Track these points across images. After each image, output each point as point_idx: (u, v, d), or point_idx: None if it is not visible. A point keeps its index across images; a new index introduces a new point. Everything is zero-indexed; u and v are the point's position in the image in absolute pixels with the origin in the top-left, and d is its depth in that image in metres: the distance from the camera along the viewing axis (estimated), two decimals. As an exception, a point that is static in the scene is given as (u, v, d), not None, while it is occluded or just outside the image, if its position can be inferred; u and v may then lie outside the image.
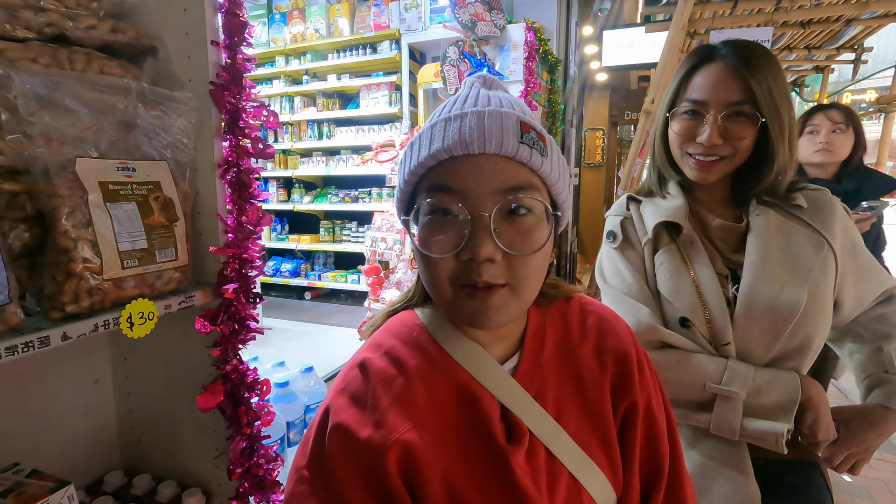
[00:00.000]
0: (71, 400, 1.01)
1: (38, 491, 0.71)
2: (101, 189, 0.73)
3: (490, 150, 0.52)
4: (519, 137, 0.52)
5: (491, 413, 0.57)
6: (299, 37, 4.79)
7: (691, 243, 0.91)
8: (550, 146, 0.56)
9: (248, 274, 0.93)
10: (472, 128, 0.52)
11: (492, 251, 0.51)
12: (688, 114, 0.89)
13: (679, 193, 0.96)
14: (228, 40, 0.86)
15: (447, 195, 0.53)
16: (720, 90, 0.85)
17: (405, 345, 0.62)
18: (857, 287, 0.92)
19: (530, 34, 3.15)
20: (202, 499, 0.98)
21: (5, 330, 0.62)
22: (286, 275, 5.01)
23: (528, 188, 0.53)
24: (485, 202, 0.52)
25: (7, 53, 0.66)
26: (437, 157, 0.53)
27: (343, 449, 0.57)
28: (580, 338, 0.64)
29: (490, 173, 0.52)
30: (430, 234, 0.54)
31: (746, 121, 0.84)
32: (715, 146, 0.86)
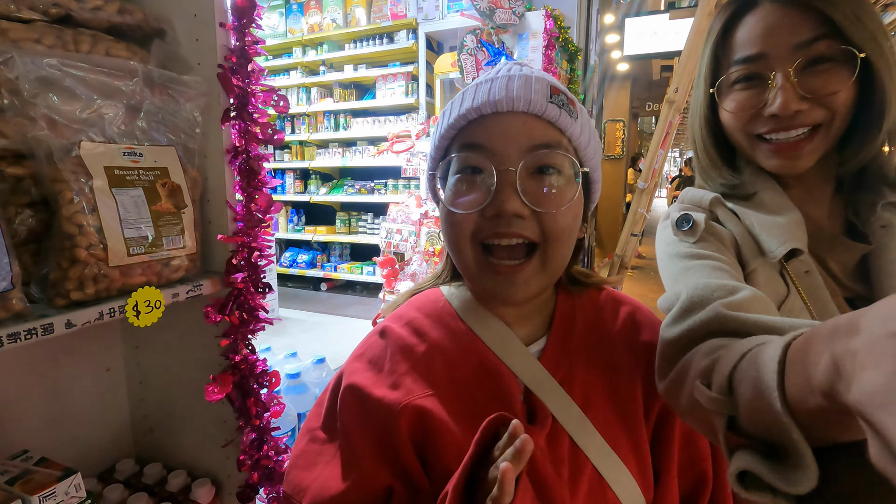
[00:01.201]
0: (83, 388, 1.01)
1: (45, 479, 0.70)
2: (106, 174, 0.71)
3: (518, 109, 0.52)
4: (548, 97, 0.52)
5: (513, 392, 0.56)
6: (316, 27, 4.78)
7: (807, 272, 0.64)
8: (581, 110, 0.56)
9: (258, 263, 0.91)
10: (502, 88, 0.52)
11: (518, 206, 0.51)
12: (742, 81, 0.63)
13: (783, 199, 0.67)
14: (237, 22, 0.84)
15: (474, 152, 0.53)
16: (783, 32, 0.58)
17: (428, 318, 0.63)
18: None
19: (550, 22, 3.07)
20: (211, 489, 0.97)
21: (8, 317, 0.60)
22: (302, 266, 5.05)
23: (556, 146, 0.53)
24: (511, 158, 0.52)
25: (10, 34, 0.65)
26: (467, 117, 0.54)
27: (356, 409, 0.58)
28: (612, 327, 0.62)
29: (517, 131, 0.52)
30: (458, 191, 0.55)
31: (834, 65, 0.58)
32: (798, 113, 0.59)
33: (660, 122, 2.83)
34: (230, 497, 0.98)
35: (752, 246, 0.66)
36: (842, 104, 0.59)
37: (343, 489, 0.55)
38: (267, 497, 0.98)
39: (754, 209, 0.68)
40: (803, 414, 0.30)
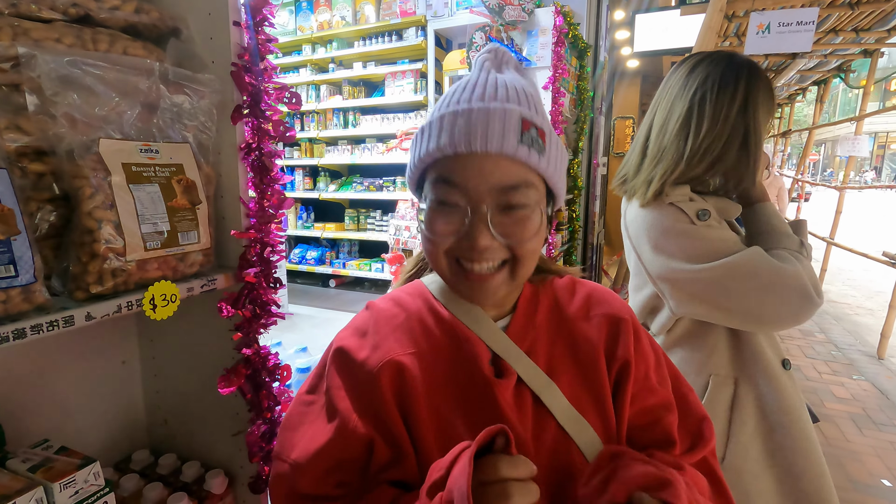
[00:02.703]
0: (100, 380, 1.03)
1: (65, 467, 0.72)
2: (124, 170, 0.73)
3: (491, 150, 0.56)
4: (519, 137, 0.56)
5: (481, 353, 0.62)
6: (325, 24, 4.79)
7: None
8: (549, 140, 0.60)
9: (270, 258, 0.92)
10: (476, 126, 0.56)
11: (488, 240, 0.57)
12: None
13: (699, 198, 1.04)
14: (250, 20, 0.85)
15: (450, 188, 0.58)
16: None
17: (409, 295, 0.71)
18: None
19: (559, 18, 3.06)
20: (225, 480, 0.99)
21: (31, 308, 0.62)
22: (311, 262, 5.08)
23: (525, 185, 0.58)
24: (484, 197, 0.57)
25: (32, 33, 0.66)
26: (444, 152, 0.58)
27: (341, 368, 0.64)
28: (572, 306, 0.69)
29: (490, 171, 0.57)
30: (434, 218, 0.60)
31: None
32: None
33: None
34: (243, 488, 1.00)
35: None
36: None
37: (325, 441, 0.60)
38: (278, 488, 1.00)
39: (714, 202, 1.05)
40: None
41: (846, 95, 25.15)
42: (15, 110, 0.66)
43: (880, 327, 3.87)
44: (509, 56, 0.66)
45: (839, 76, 5.05)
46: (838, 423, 2.81)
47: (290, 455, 0.62)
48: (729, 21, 3.21)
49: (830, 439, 2.65)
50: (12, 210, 0.61)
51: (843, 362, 3.70)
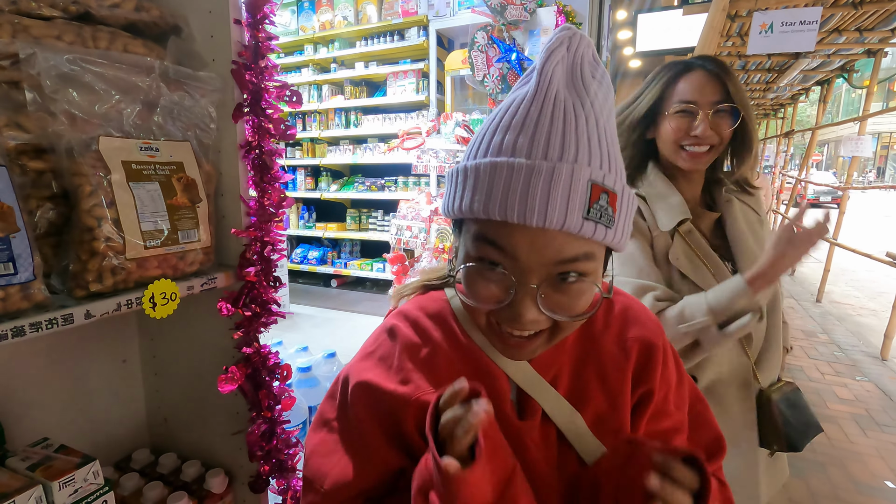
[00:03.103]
0: (100, 378, 1.03)
1: (65, 466, 0.72)
2: (124, 168, 0.72)
3: (551, 227, 0.46)
4: (585, 212, 0.47)
5: (504, 390, 0.59)
6: (327, 24, 4.80)
7: (690, 232, 1.07)
8: (620, 205, 0.50)
9: (270, 257, 0.92)
10: (534, 195, 0.46)
11: (535, 315, 0.49)
12: (681, 113, 1.05)
13: (672, 188, 1.10)
14: (251, 18, 0.85)
15: (497, 251, 0.49)
16: (706, 92, 1.03)
17: (431, 319, 0.65)
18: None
19: (561, 18, 3.05)
20: (225, 479, 0.99)
21: (30, 307, 0.62)
22: (313, 262, 5.08)
23: (584, 259, 0.49)
24: (534, 272, 0.49)
25: (32, 31, 0.66)
26: (491, 216, 0.48)
27: (367, 401, 0.61)
28: (603, 326, 0.64)
29: (544, 245, 0.48)
30: (475, 279, 0.52)
31: (727, 116, 1.03)
32: (707, 136, 1.03)
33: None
34: (243, 487, 1.00)
35: (653, 221, 1.09)
36: (726, 136, 1.04)
37: (360, 472, 0.59)
38: (278, 488, 1.00)
39: (655, 198, 1.10)
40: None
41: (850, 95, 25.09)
42: (15, 108, 0.66)
43: (884, 328, 3.85)
44: (586, 47, 0.52)
45: (842, 76, 5.03)
46: (841, 425, 2.79)
47: (322, 485, 0.60)
48: (732, 21, 3.20)
49: (833, 440, 2.64)
50: (11, 208, 0.61)
51: (847, 363, 3.69)
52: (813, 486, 2.24)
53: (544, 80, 0.49)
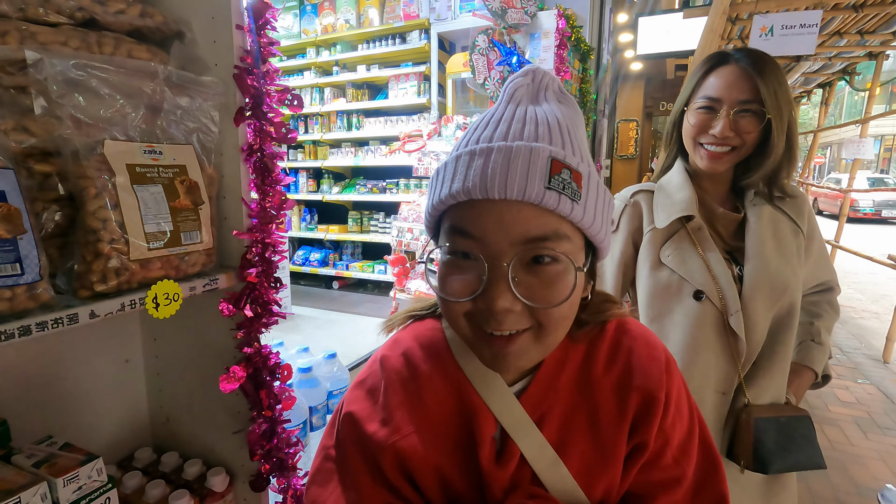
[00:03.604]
0: (103, 378, 1.04)
1: (69, 463, 0.73)
2: (128, 171, 0.74)
3: (512, 197, 0.47)
4: (546, 181, 0.47)
5: (484, 430, 0.56)
6: (329, 28, 4.83)
7: (699, 229, 1.04)
8: (587, 184, 0.50)
9: (271, 258, 0.93)
10: (495, 169, 0.47)
11: (510, 303, 0.48)
12: (703, 109, 1.01)
13: (687, 184, 1.07)
14: (253, 24, 0.86)
15: (465, 240, 0.50)
16: (733, 89, 0.97)
17: (423, 349, 0.63)
18: (814, 266, 1.12)
19: (562, 21, 3.07)
20: (226, 478, 1.00)
21: (36, 306, 0.64)
22: (315, 264, 5.10)
23: (554, 238, 0.49)
24: (504, 251, 0.48)
25: (39, 37, 0.68)
26: (457, 199, 0.50)
27: (352, 437, 0.61)
28: (604, 370, 0.60)
29: (511, 221, 0.48)
30: (448, 274, 0.52)
31: (753, 117, 0.96)
32: (726, 137, 0.98)
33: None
34: (243, 486, 1.01)
35: (650, 217, 1.08)
36: (750, 140, 0.98)
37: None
38: (279, 487, 1.01)
39: (661, 194, 1.09)
40: None
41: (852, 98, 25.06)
42: (22, 112, 0.67)
43: (886, 331, 3.84)
44: (550, 79, 0.56)
45: (844, 79, 5.03)
46: (843, 427, 2.79)
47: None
48: (732, 24, 3.21)
49: (834, 443, 2.63)
50: (19, 209, 0.62)
51: (848, 366, 3.68)
52: (814, 489, 2.24)
53: (509, 96, 0.55)
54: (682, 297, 1.03)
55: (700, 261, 1.02)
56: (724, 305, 0.99)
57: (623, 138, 6.93)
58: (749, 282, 1.00)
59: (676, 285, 1.03)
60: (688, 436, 0.60)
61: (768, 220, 1.03)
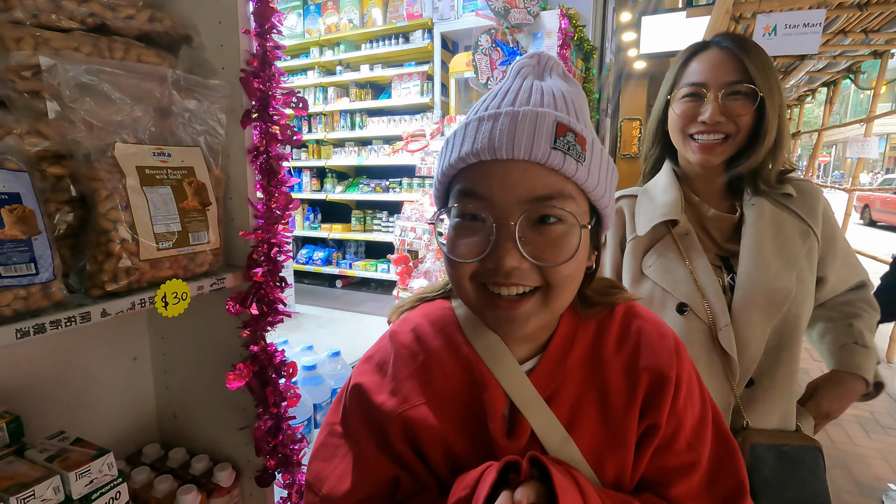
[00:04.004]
0: (112, 375, 1.06)
1: (80, 457, 0.75)
2: (138, 173, 0.76)
3: (518, 157, 0.49)
4: (552, 142, 0.49)
5: (495, 405, 0.57)
6: (333, 27, 4.84)
7: (686, 234, 0.96)
8: (591, 149, 0.52)
9: (277, 258, 0.95)
10: (503, 131, 0.49)
11: (517, 261, 0.50)
12: (688, 97, 0.93)
13: (673, 186, 1.00)
14: (259, 28, 0.88)
15: (473, 201, 0.52)
16: (719, 71, 0.90)
17: (432, 325, 0.64)
18: (841, 269, 1.01)
19: (565, 21, 3.08)
20: (232, 473, 1.02)
21: (50, 305, 0.65)
22: (318, 263, 5.13)
23: (560, 197, 0.50)
24: (511, 210, 0.50)
25: (52, 42, 0.70)
26: (466, 161, 0.52)
27: (359, 409, 0.62)
28: (614, 350, 0.60)
29: (518, 181, 0.50)
30: (457, 237, 0.53)
31: (745, 99, 0.89)
32: (718, 123, 0.90)
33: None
34: (249, 481, 1.03)
35: (633, 224, 1.02)
36: (744, 123, 0.90)
37: (354, 483, 0.60)
38: (284, 482, 1.03)
39: (644, 198, 1.02)
40: None
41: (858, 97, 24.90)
42: (35, 116, 0.69)
43: (889, 330, 3.83)
44: (555, 62, 0.59)
45: (849, 77, 5.01)
46: (845, 427, 2.79)
47: (321, 489, 0.62)
48: (736, 23, 3.21)
49: (837, 443, 2.64)
50: (33, 211, 0.64)
51: (851, 365, 3.68)
52: (815, 488, 2.24)
53: (516, 72, 0.58)
54: (665, 310, 0.95)
55: (685, 270, 0.93)
56: (712, 319, 0.91)
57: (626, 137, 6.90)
58: (741, 291, 0.91)
59: (660, 298, 0.95)
60: (701, 420, 0.60)
61: (769, 221, 0.94)
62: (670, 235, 0.97)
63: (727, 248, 0.97)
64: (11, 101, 0.67)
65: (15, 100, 0.67)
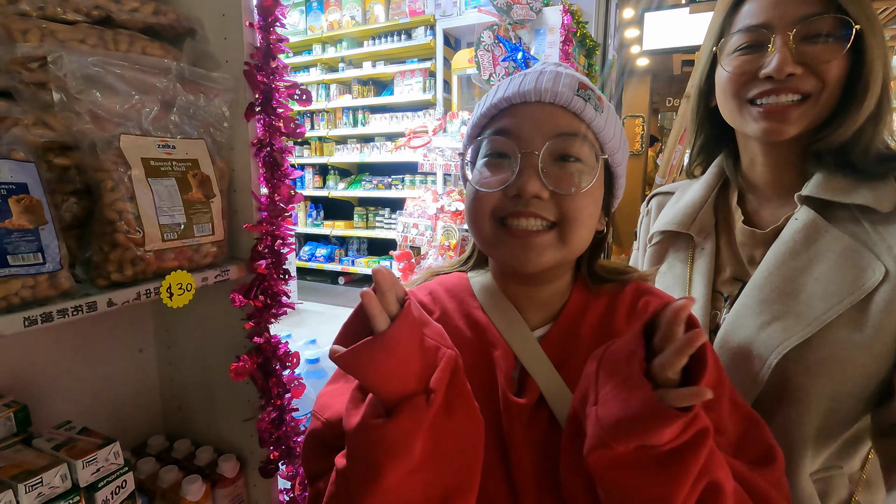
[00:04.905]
0: (118, 367, 1.07)
1: (87, 446, 0.76)
2: (143, 165, 0.76)
3: (545, 100, 0.56)
4: (575, 91, 0.56)
5: (506, 366, 0.59)
6: (335, 24, 4.84)
7: (702, 248, 0.77)
8: (608, 107, 0.59)
9: (281, 250, 0.96)
10: (532, 81, 0.57)
11: (538, 188, 0.54)
12: (743, 49, 0.66)
13: (707, 184, 0.79)
14: (262, 21, 0.88)
15: (501, 137, 0.58)
16: (788, 4, 0.62)
17: (447, 292, 0.68)
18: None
19: (567, 17, 3.07)
20: (236, 464, 1.03)
21: (57, 294, 0.66)
22: (321, 260, 5.14)
23: (581, 137, 0.56)
24: (535, 143, 0.55)
25: (58, 34, 0.70)
26: (498, 107, 0.59)
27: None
28: (624, 322, 0.62)
29: (543, 119, 0.56)
30: (484, 172, 0.59)
31: (830, 40, 0.61)
32: (791, 77, 0.61)
33: (678, 118, 2.81)
34: (253, 472, 1.04)
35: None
36: (833, 76, 0.61)
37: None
38: (287, 473, 1.04)
39: (675, 197, 0.86)
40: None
41: (862, 93, 24.69)
42: (42, 107, 0.70)
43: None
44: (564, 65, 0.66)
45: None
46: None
47: (323, 414, 0.63)
48: (739, 18, 3.20)
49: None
50: (40, 201, 0.65)
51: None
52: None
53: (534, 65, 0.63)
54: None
55: (682, 293, 0.78)
56: None
57: (629, 134, 6.89)
58: (720, 338, 0.70)
59: None
60: (715, 386, 0.56)
61: (806, 242, 0.65)
62: (686, 246, 0.80)
63: (751, 272, 0.72)
64: (18, 92, 0.68)
65: (21, 91, 0.68)
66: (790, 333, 0.62)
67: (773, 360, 0.63)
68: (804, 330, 0.62)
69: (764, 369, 0.64)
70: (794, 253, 0.65)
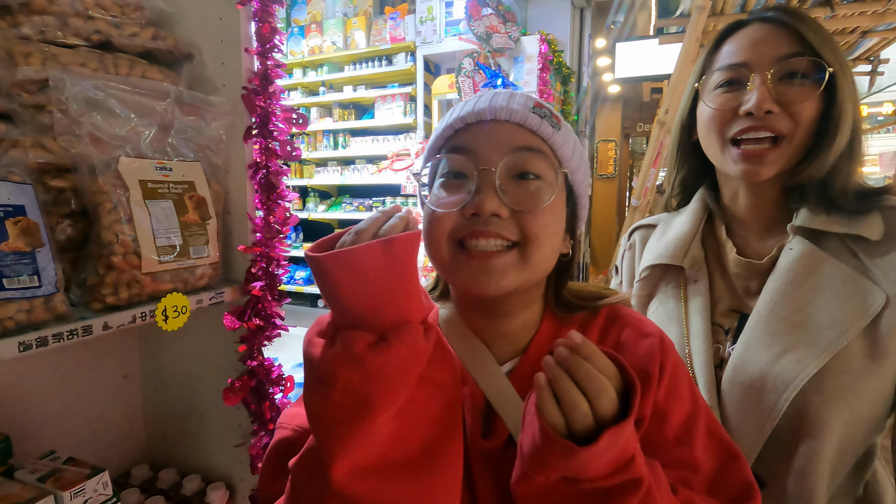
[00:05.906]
0: (101, 395, 1.04)
1: (75, 477, 0.73)
2: (141, 187, 0.76)
3: (500, 117, 0.55)
4: (530, 109, 0.55)
5: (473, 404, 0.56)
6: (316, 49, 4.89)
7: (695, 282, 0.76)
8: (565, 127, 0.57)
9: (275, 272, 0.95)
10: (486, 100, 0.56)
11: (496, 205, 0.52)
12: (724, 86, 0.69)
13: (692, 218, 0.80)
14: (260, 47, 0.90)
15: (457, 154, 0.55)
16: (766, 45, 0.66)
17: None
18: None
19: (544, 46, 3.19)
20: (226, 493, 1.00)
21: (52, 318, 0.65)
22: (300, 282, 5.06)
23: (538, 152, 0.55)
24: (491, 158, 0.53)
25: (60, 58, 0.70)
26: (454, 127, 0.57)
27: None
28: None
29: (499, 135, 0.55)
30: (440, 192, 0.56)
31: (805, 81, 0.64)
32: (769, 114, 0.64)
33: (651, 142, 2.92)
34: (244, 500, 1.01)
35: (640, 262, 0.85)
36: (806, 117, 0.65)
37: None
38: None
39: (660, 230, 0.86)
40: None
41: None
42: (40, 130, 0.69)
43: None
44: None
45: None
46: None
47: (293, 422, 0.59)
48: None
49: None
50: (37, 223, 0.64)
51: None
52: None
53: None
54: None
55: (679, 329, 0.75)
56: None
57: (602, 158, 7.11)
58: (731, 370, 0.69)
59: None
60: (690, 418, 0.57)
61: (806, 272, 0.66)
62: (677, 280, 0.79)
63: (749, 303, 0.72)
64: (17, 114, 0.68)
65: (20, 113, 0.68)
66: (805, 364, 0.63)
67: (792, 393, 0.63)
68: (818, 359, 0.62)
69: (781, 402, 0.63)
70: (797, 283, 0.66)
